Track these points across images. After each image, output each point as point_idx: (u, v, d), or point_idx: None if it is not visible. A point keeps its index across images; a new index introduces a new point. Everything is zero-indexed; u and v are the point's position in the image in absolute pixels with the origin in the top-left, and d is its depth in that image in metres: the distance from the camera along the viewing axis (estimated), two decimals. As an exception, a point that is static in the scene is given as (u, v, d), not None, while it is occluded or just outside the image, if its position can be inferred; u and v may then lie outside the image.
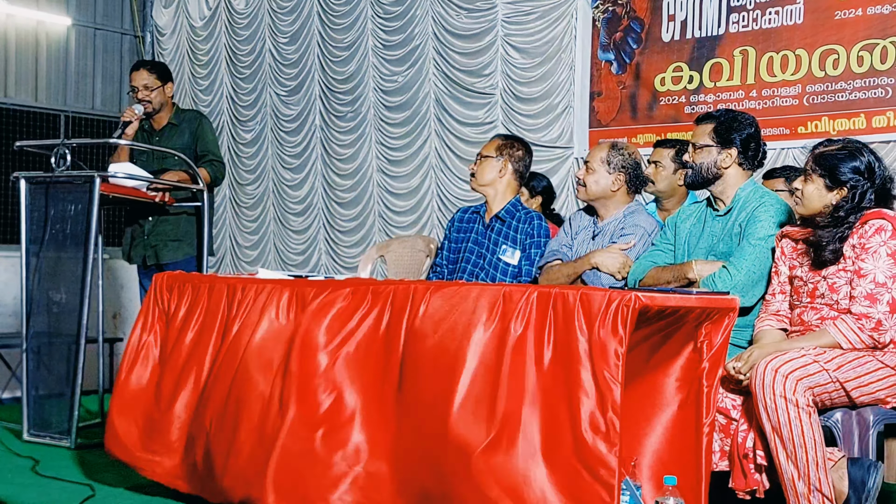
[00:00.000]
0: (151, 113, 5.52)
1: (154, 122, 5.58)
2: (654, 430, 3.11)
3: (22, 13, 8.02)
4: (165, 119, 5.56)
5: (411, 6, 7.14)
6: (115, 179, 5.00)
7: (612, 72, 6.28)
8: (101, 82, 8.58)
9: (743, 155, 3.68)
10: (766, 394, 3.01)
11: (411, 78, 7.18)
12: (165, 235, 5.39)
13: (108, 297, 6.75)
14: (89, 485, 3.99)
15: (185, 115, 5.60)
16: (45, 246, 4.98)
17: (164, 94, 5.53)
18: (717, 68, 5.82)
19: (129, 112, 5.42)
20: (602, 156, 4.14)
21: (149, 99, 5.47)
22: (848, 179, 3.26)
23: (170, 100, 5.59)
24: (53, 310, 5.01)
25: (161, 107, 5.53)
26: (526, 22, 6.61)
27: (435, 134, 7.08)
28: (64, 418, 4.87)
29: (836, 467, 3.07)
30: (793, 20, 5.55)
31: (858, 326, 3.16)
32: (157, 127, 5.56)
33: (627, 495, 2.82)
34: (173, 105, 5.63)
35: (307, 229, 7.87)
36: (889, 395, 3.23)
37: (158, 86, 5.50)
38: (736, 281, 3.47)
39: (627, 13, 6.21)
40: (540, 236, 4.32)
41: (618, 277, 3.94)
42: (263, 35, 8.06)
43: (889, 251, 3.19)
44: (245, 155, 8.19)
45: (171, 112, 5.58)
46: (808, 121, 5.48)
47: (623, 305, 2.73)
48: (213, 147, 5.53)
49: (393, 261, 5.40)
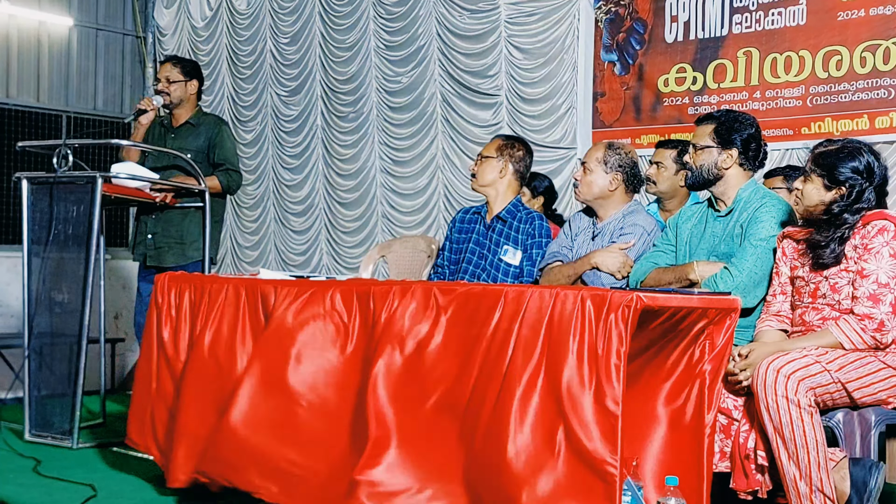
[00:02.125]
0: (170, 106, 5.49)
1: (173, 119, 5.55)
2: (656, 430, 3.11)
3: (24, 14, 8.03)
4: (185, 117, 5.52)
5: (414, 7, 7.13)
6: (117, 180, 5.00)
7: (616, 73, 6.27)
8: (103, 83, 8.59)
9: (744, 155, 3.68)
10: (767, 394, 3.01)
11: (416, 79, 7.17)
12: (170, 237, 5.38)
13: (109, 298, 6.75)
14: (91, 485, 4.00)
15: (205, 119, 5.56)
16: (48, 246, 4.99)
17: (186, 90, 5.49)
18: (721, 69, 5.81)
19: (147, 101, 5.41)
20: (599, 156, 4.14)
21: (168, 91, 5.45)
22: (846, 179, 3.26)
23: (192, 98, 5.54)
24: (55, 310, 5.02)
25: (180, 102, 5.49)
26: (529, 23, 6.60)
27: (441, 134, 7.08)
28: (66, 418, 4.88)
29: (838, 468, 3.07)
30: (796, 21, 5.54)
31: (861, 327, 3.16)
32: (174, 124, 5.53)
33: (629, 496, 2.81)
34: (197, 105, 5.60)
35: (308, 230, 7.87)
36: (891, 396, 3.22)
37: (181, 80, 5.47)
38: (737, 282, 3.46)
39: (630, 14, 6.20)
40: (541, 236, 4.31)
41: (618, 277, 3.94)
42: (265, 35, 8.07)
43: (892, 252, 3.19)
44: (245, 155, 8.19)
45: (192, 112, 5.53)
46: (812, 122, 5.48)
47: (624, 306, 2.73)
48: (231, 156, 5.50)
49: (394, 261, 5.40)
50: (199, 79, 5.57)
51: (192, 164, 5.18)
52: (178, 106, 5.50)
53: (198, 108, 5.58)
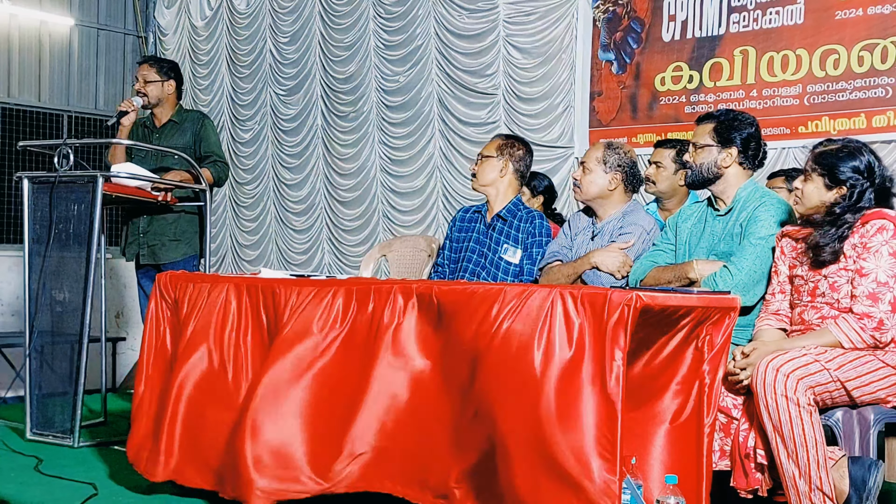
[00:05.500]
0: (149, 106, 5.52)
1: (155, 119, 5.57)
2: (656, 429, 3.12)
3: (25, 13, 8.04)
4: (166, 116, 5.54)
5: (413, 7, 7.15)
6: (117, 179, 5.00)
7: (613, 72, 6.29)
8: (104, 82, 8.60)
9: (743, 154, 3.69)
10: (767, 393, 3.02)
11: (413, 78, 7.19)
12: (164, 235, 5.38)
13: (110, 297, 6.76)
14: (92, 484, 4.00)
15: (187, 115, 5.59)
16: (49, 245, 4.99)
17: (163, 90, 5.51)
18: (718, 68, 5.82)
19: (127, 103, 5.42)
20: (598, 155, 4.15)
21: (145, 92, 5.48)
22: (847, 178, 3.27)
23: (171, 97, 5.55)
24: (56, 309, 5.02)
25: (159, 102, 5.51)
26: (527, 22, 6.62)
27: (439, 133, 7.09)
28: (67, 417, 4.88)
29: (837, 466, 3.08)
30: (793, 20, 5.56)
31: (860, 326, 3.17)
32: (157, 124, 5.55)
33: (628, 494, 2.83)
34: (177, 104, 5.62)
35: (309, 229, 7.88)
36: (890, 395, 3.23)
37: (157, 80, 5.49)
38: (737, 280, 3.47)
39: (628, 13, 6.22)
40: (541, 235, 4.32)
41: (617, 276, 3.95)
42: (264, 35, 8.08)
43: (891, 251, 3.19)
44: (244, 154, 8.21)
45: (173, 110, 5.55)
46: (809, 121, 5.49)
47: (624, 305, 2.74)
48: (217, 148, 5.53)
49: (395, 260, 5.42)
50: (176, 79, 5.60)
51: (192, 162, 5.19)
52: (158, 106, 5.53)
53: (178, 107, 5.61)
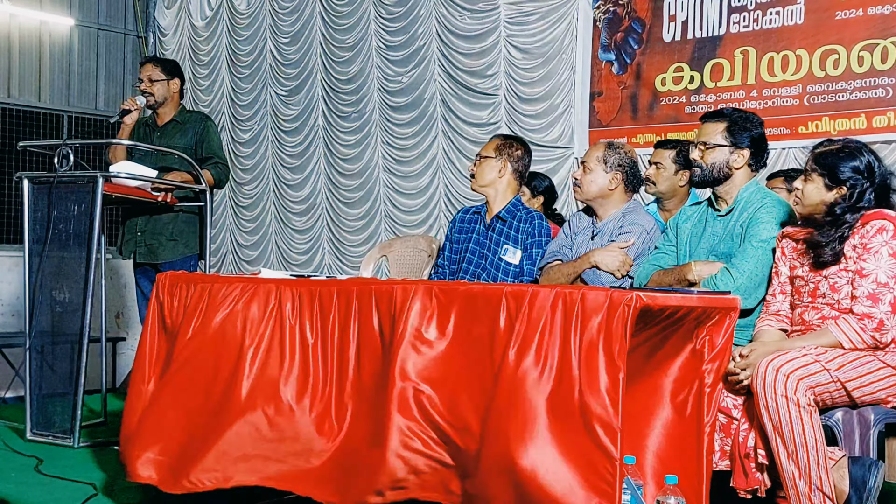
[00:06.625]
0: (153, 105, 5.53)
1: (157, 118, 5.58)
2: (656, 429, 3.11)
3: (25, 14, 8.04)
4: (169, 116, 5.56)
5: (414, 7, 7.15)
6: (118, 179, 5.01)
7: (613, 72, 6.29)
8: (104, 82, 8.60)
9: (754, 156, 3.67)
10: (767, 393, 3.01)
11: (416, 78, 7.19)
12: (161, 234, 5.38)
13: (110, 297, 6.76)
14: (92, 484, 4.00)
15: (190, 116, 5.60)
16: (49, 246, 4.99)
17: (168, 89, 5.53)
18: (718, 68, 5.82)
19: (131, 101, 5.45)
20: (598, 155, 4.15)
21: (151, 91, 5.49)
22: (847, 178, 3.27)
23: (175, 96, 5.58)
24: (56, 309, 5.02)
25: (164, 101, 5.53)
26: (528, 22, 6.62)
27: (442, 134, 7.09)
28: (67, 417, 4.89)
29: (837, 466, 3.08)
30: (793, 20, 5.56)
31: (860, 326, 3.17)
32: (160, 123, 5.56)
33: (628, 494, 2.82)
34: (180, 104, 5.63)
35: (310, 229, 7.88)
36: (890, 395, 3.23)
37: (162, 79, 5.51)
38: (738, 283, 3.46)
39: (628, 13, 6.22)
40: (541, 235, 4.32)
41: (617, 276, 3.94)
42: (265, 35, 8.08)
43: (891, 251, 3.19)
44: (244, 154, 8.21)
45: (175, 110, 5.57)
46: (809, 121, 5.49)
47: (624, 305, 2.73)
48: (218, 150, 5.54)
49: (395, 260, 5.41)
50: (180, 77, 5.63)
51: (193, 163, 5.19)
52: (162, 105, 5.56)
53: (181, 106, 5.63)
